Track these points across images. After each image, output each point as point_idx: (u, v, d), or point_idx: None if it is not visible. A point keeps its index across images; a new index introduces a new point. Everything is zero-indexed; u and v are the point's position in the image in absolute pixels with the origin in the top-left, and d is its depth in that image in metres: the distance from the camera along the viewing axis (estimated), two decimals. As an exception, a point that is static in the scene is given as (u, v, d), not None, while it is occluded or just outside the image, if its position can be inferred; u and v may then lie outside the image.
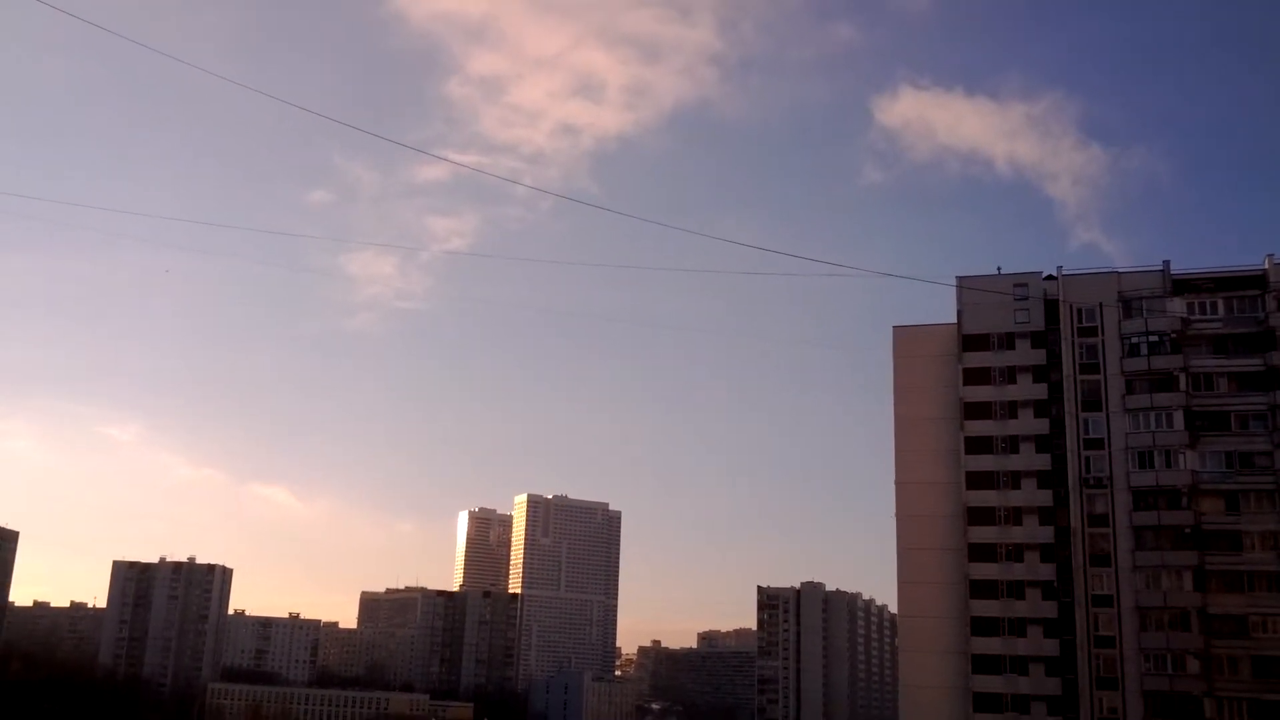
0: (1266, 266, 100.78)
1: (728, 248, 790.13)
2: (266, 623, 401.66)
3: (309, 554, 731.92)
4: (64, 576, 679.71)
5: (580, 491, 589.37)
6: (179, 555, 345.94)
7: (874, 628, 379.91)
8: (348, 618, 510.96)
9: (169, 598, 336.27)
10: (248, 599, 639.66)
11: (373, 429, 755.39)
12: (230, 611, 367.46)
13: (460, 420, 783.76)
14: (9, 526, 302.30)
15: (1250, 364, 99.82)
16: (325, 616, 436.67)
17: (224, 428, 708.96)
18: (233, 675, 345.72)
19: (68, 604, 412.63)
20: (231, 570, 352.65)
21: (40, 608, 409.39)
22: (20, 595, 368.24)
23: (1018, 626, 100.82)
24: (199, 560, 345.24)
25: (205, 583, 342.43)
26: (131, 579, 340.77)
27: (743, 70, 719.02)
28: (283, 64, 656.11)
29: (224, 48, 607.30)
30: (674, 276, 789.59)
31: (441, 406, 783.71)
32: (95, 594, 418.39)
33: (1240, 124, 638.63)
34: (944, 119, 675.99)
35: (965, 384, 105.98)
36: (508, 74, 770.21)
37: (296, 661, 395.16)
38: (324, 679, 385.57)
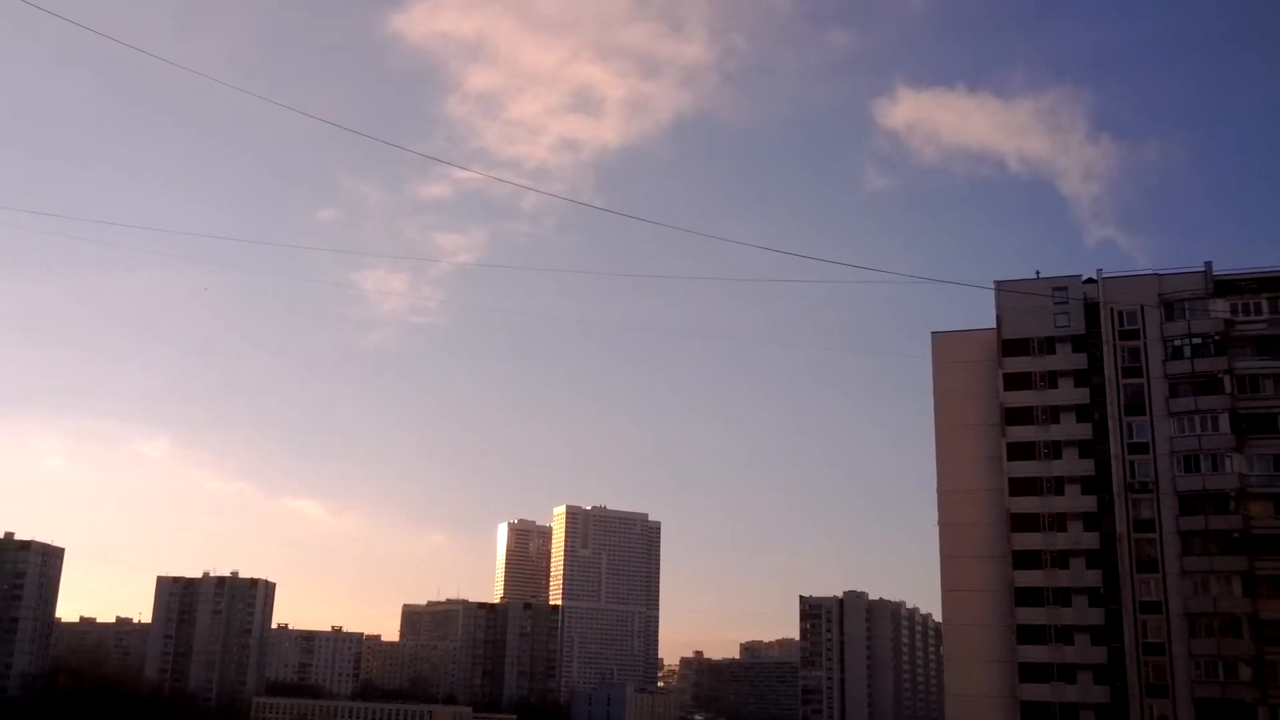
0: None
1: (743, 256, 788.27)
2: (309, 636, 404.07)
3: (343, 566, 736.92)
4: (105, 592, 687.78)
5: (619, 502, 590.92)
6: (218, 569, 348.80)
7: (918, 636, 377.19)
8: (389, 630, 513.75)
9: (213, 612, 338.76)
10: (289, 612, 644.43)
11: (399, 442, 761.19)
12: (273, 625, 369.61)
13: (491, 432, 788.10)
14: (55, 543, 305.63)
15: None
16: (366, 629, 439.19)
17: (251, 442, 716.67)
18: (277, 689, 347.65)
19: (113, 619, 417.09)
20: (274, 584, 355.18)
21: (86, 623, 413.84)
22: (65, 611, 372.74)
23: (1064, 634, 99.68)
24: (241, 574, 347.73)
25: (248, 597, 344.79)
26: (175, 594, 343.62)
27: (739, 81, 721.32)
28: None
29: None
30: (698, 285, 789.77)
31: (468, 419, 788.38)
32: (140, 609, 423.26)
33: (1256, 112, 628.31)
34: (948, 119, 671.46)
35: (1006, 389, 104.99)
36: (506, 90, 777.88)
37: (340, 675, 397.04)
38: (367, 692, 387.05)
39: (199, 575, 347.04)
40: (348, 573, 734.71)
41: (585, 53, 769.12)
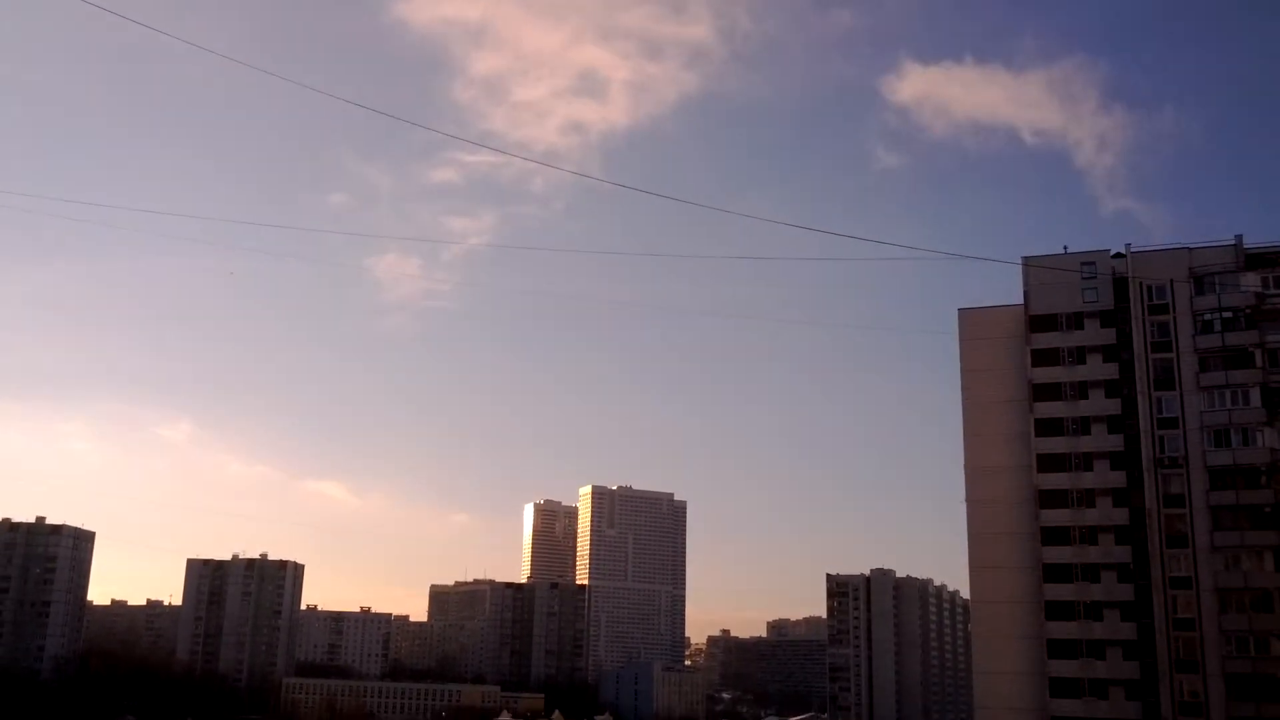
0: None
1: (757, 234, 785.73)
2: (338, 617, 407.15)
3: (369, 548, 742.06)
4: (135, 575, 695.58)
5: (645, 482, 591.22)
6: (245, 552, 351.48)
7: (946, 614, 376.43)
8: (416, 611, 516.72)
9: (243, 594, 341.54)
10: (317, 594, 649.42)
11: (419, 424, 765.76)
12: (302, 607, 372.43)
13: (513, 413, 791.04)
14: (86, 527, 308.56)
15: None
16: (394, 610, 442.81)
17: (271, 425, 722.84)
18: (306, 670, 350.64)
19: (144, 602, 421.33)
20: (303, 566, 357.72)
21: (118, 606, 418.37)
22: (97, 594, 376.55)
23: (1094, 610, 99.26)
24: (270, 556, 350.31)
25: (278, 579, 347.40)
26: (205, 576, 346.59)
27: (744, 61, 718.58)
28: (288, 73, 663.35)
29: (228, 58, 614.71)
30: (717, 264, 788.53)
31: (489, 400, 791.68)
32: (170, 592, 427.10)
33: (1271, 78, 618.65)
34: (957, 93, 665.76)
35: (1034, 365, 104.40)
36: (511, 74, 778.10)
37: (369, 655, 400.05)
38: (396, 672, 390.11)
39: (228, 558, 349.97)
40: (374, 554, 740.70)
41: (588, 35, 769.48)
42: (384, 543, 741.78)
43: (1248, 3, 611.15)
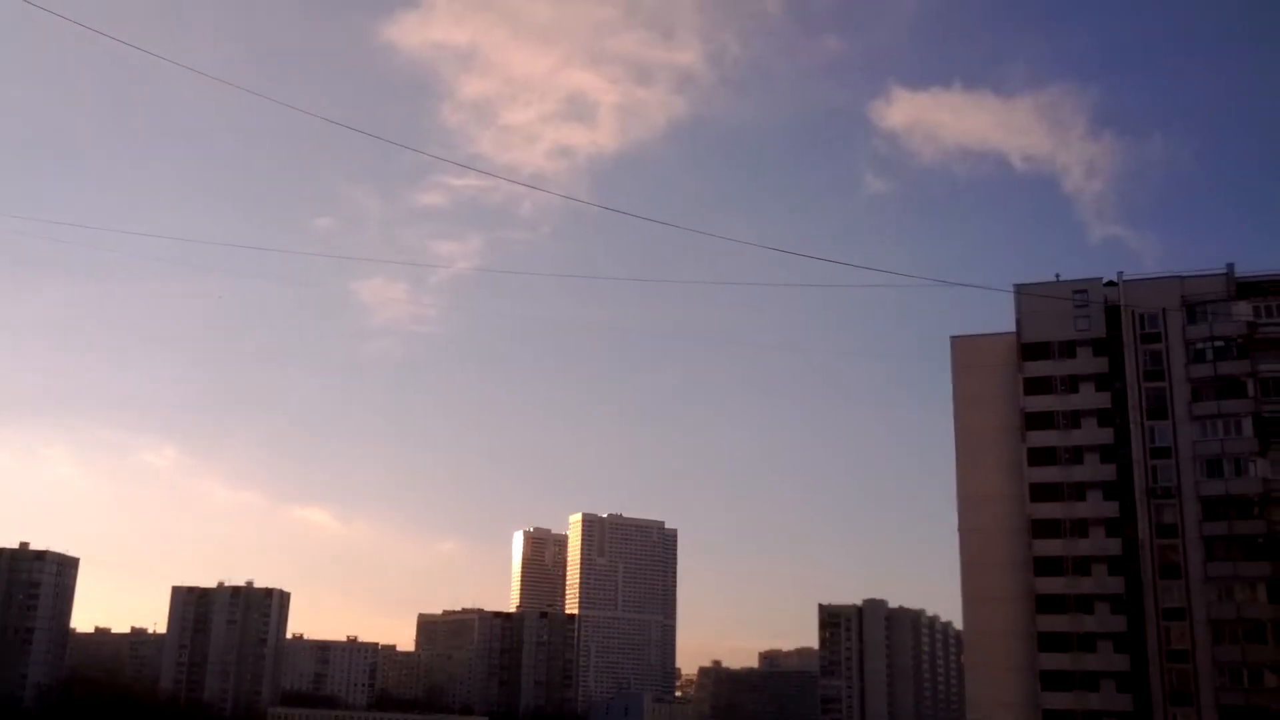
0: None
1: (748, 260, 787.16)
2: (324, 646, 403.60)
3: (355, 575, 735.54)
4: (119, 602, 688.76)
5: (635, 510, 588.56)
6: (230, 579, 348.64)
7: (939, 645, 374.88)
8: (404, 640, 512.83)
9: (228, 622, 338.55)
10: (303, 622, 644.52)
11: (406, 450, 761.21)
12: (288, 635, 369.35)
13: (502, 439, 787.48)
14: (70, 553, 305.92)
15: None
16: (381, 639, 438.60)
17: (256, 451, 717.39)
18: (292, 699, 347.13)
19: (128, 630, 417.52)
20: (289, 594, 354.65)
21: (101, 634, 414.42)
22: (80, 621, 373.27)
23: (1087, 642, 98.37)
24: (255, 584, 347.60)
25: (263, 607, 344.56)
26: (190, 604, 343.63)
27: (733, 86, 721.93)
28: (276, 96, 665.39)
29: (214, 81, 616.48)
30: (705, 289, 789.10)
31: (477, 426, 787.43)
32: (154, 619, 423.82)
33: (1260, 106, 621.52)
34: (946, 119, 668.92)
35: (1026, 394, 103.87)
36: (499, 98, 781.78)
37: (355, 685, 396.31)
38: (383, 702, 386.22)
39: (213, 585, 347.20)
40: (360, 582, 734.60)
41: (577, 60, 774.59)
42: (371, 570, 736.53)
43: (1237, 30, 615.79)
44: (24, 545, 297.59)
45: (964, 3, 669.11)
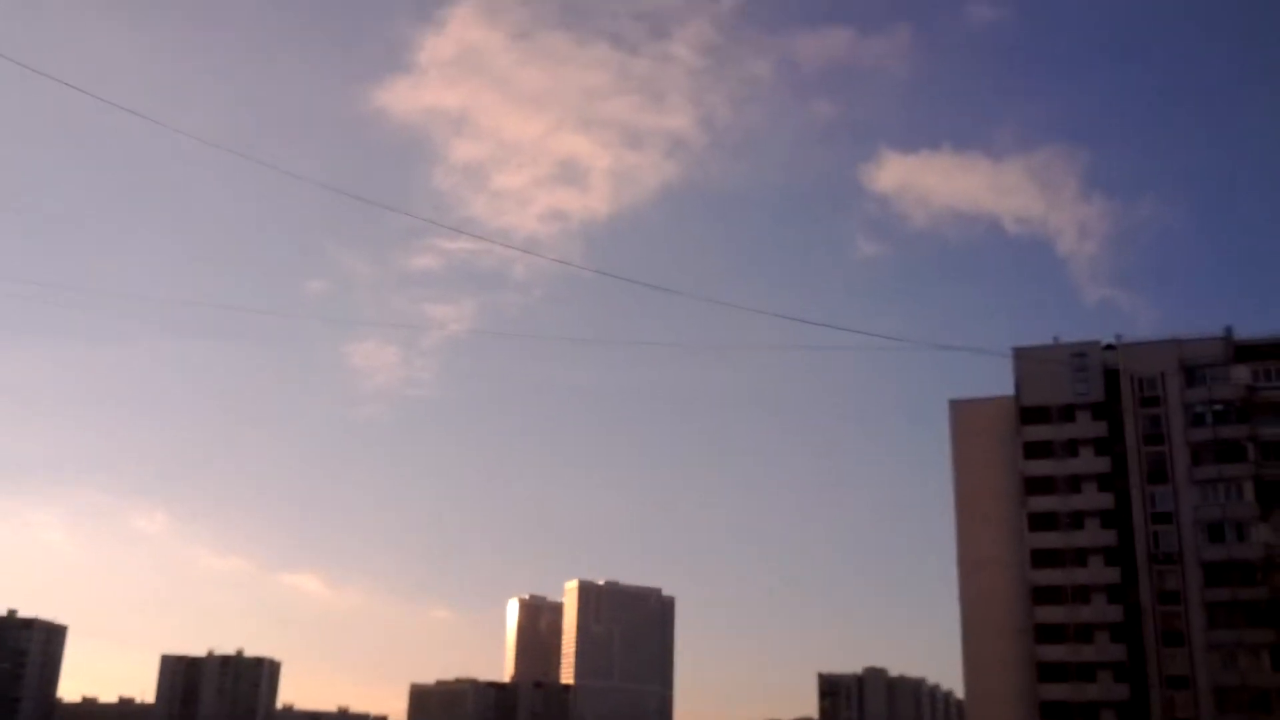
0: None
1: (740, 324, 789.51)
2: (315, 717, 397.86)
3: (347, 644, 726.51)
4: (107, 670, 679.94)
5: (632, 577, 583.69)
6: (219, 647, 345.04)
7: (939, 714, 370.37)
8: (396, 711, 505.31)
9: (218, 691, 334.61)
10: (293, 691, 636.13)
11: (398, 516, 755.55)
12: (278, 705, 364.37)
13: (496, 505, 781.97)
14: (58, 621, 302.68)
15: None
16: (372, 709, 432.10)
17: (247, 517, 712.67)
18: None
19: (115, 699, 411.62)
20: (279, 663, 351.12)
21: (89, 703, 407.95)
22: (67, 690, 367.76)
23: (1090, 711, 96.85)
24: (246, 653, 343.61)
25: (253, 676, 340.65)
26: (179, 673, 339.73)
27: (724, 151, 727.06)
28: (270, 160, 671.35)
29: (208, 146, 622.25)
30: (700, 354, 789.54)
31: (470, 492, 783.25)
32: (142, 689, 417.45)
33: (1252, 169, 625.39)
34: (937, 181, 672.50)
35: (1026, 458, 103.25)
36: (491, 162, 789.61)
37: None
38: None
39: (202, 653, 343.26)
40: (352, 650, 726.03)
41: (569, 124, 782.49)
42: (362, 639, 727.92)
43: (1225, 93, 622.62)
44: (11, 613, 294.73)
45: (952, 66, 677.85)
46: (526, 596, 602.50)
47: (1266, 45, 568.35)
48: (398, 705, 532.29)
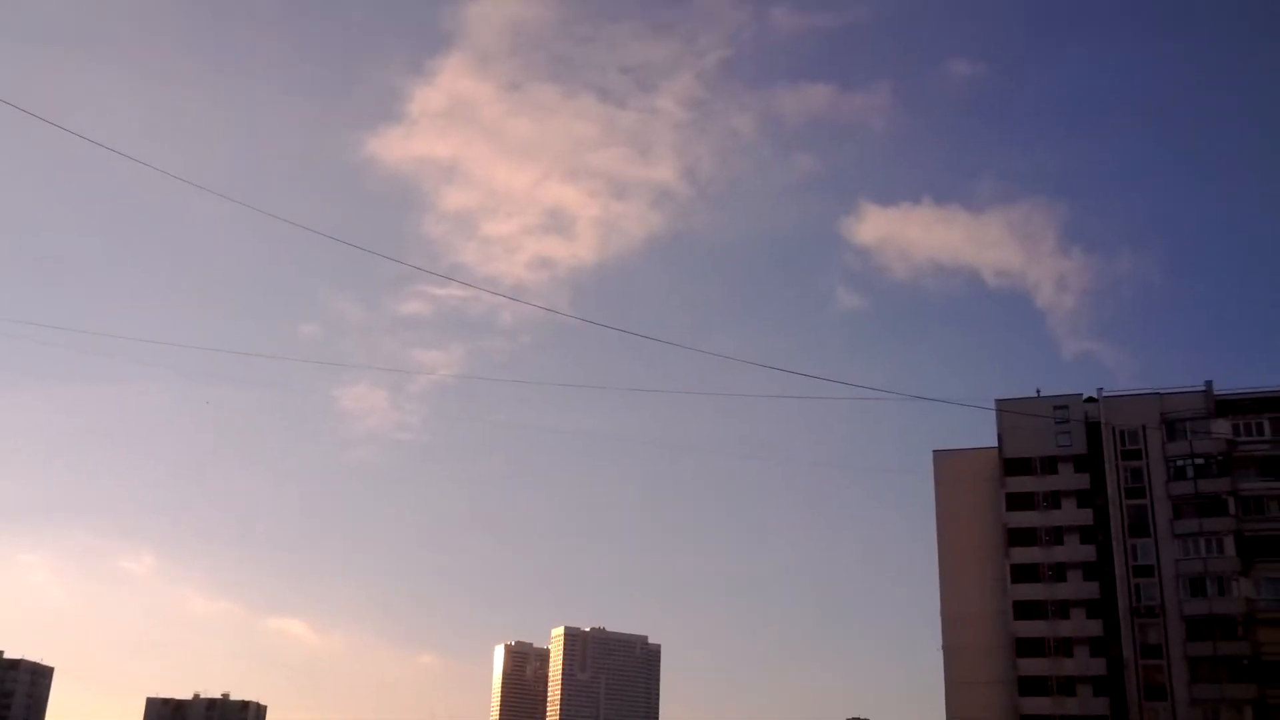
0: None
1: (725, 373, 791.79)
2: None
3: (331, 688, 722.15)
4: (93, 712, 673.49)
5: (618, 624, 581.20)
6: (206, 690, 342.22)
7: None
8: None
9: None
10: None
11: (385, 560, 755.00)
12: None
13: (482, 550, 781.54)
14: (45, 662, 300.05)
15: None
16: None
17: (235, 559, 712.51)
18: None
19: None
20: (265, 707, 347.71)
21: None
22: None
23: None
24: (232, 696, 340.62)
25: (239, 719, 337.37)
26: (165, 715, 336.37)
27: (708, 202, 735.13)
28: (264, 206, 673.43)
29: (203, 192, 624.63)
30: (685, 403, 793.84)
31: (457, 536, 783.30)
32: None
33: (1228, 222, 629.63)
34: (917, 234, 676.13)
35: (1008, 509, 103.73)
36: (481, 210, 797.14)
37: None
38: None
39: (189, 696, 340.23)
40: (337, 695, 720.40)
41: (556, 174, 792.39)
42: (348, 683, 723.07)
43: (1201, 149, 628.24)
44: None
45: (931, 121, 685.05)
46: (513, 643, 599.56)
47: (1244, 100, 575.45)
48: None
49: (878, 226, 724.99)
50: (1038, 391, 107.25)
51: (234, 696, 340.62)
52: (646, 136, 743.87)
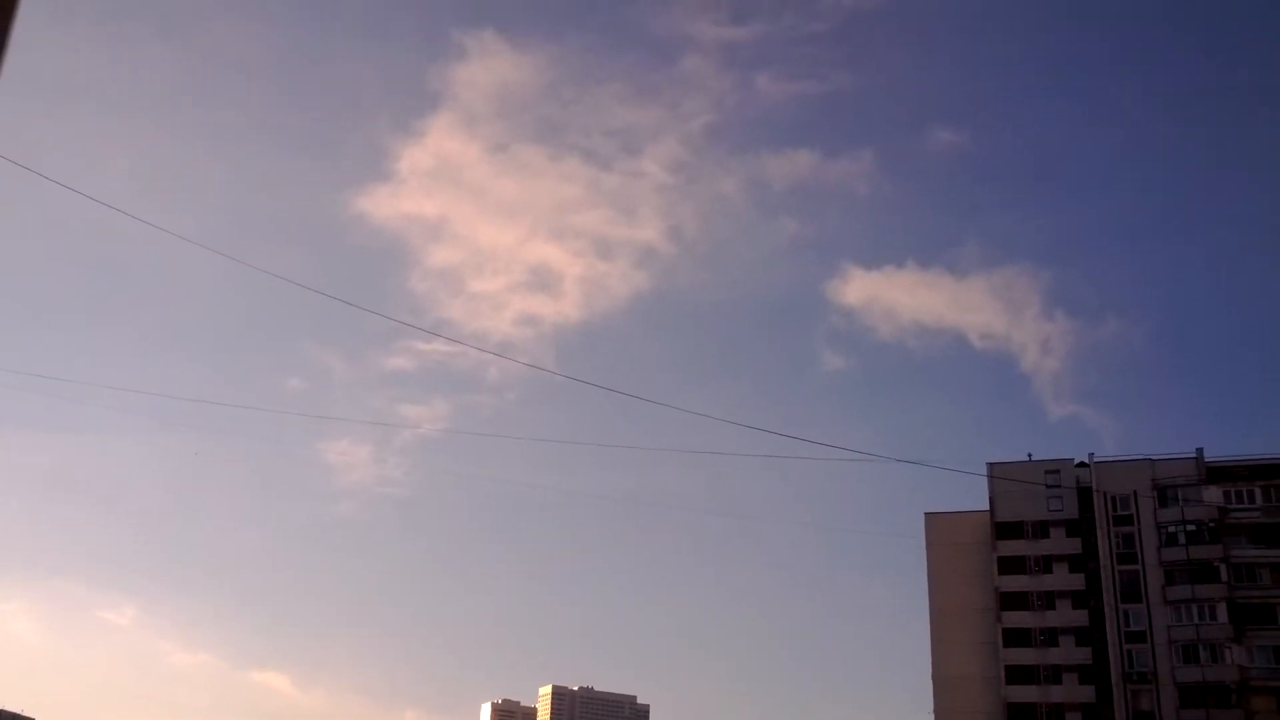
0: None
1: (718, 431, 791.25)
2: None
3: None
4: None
5: (607, 683, 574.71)
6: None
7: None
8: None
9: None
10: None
11: (369, 615, 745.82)
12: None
13: (468, 607, 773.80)
14: (25, 713, 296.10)
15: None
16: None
17: (216, 612, 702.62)
18: None
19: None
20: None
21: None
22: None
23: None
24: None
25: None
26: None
27: (693, 263, 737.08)
28: (250, 260, 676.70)
29: (188, 246, 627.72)
30: (669, 459, 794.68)
31: (442, 592, 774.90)
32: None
33: (1213, 288, 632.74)
34: (901, 297, 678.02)
35: (1000, 573, 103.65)
36: (466, 268, 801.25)
37: None
38: None
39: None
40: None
41: (541, 233, 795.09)
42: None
43: (1185, 214, 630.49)
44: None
45: (914, 187, 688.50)
46: (499, 701, 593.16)
47: (1230, 164, 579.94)
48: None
49: (862, 288, 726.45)
50: (1029, 456, 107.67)
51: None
52: (631, 198, 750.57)
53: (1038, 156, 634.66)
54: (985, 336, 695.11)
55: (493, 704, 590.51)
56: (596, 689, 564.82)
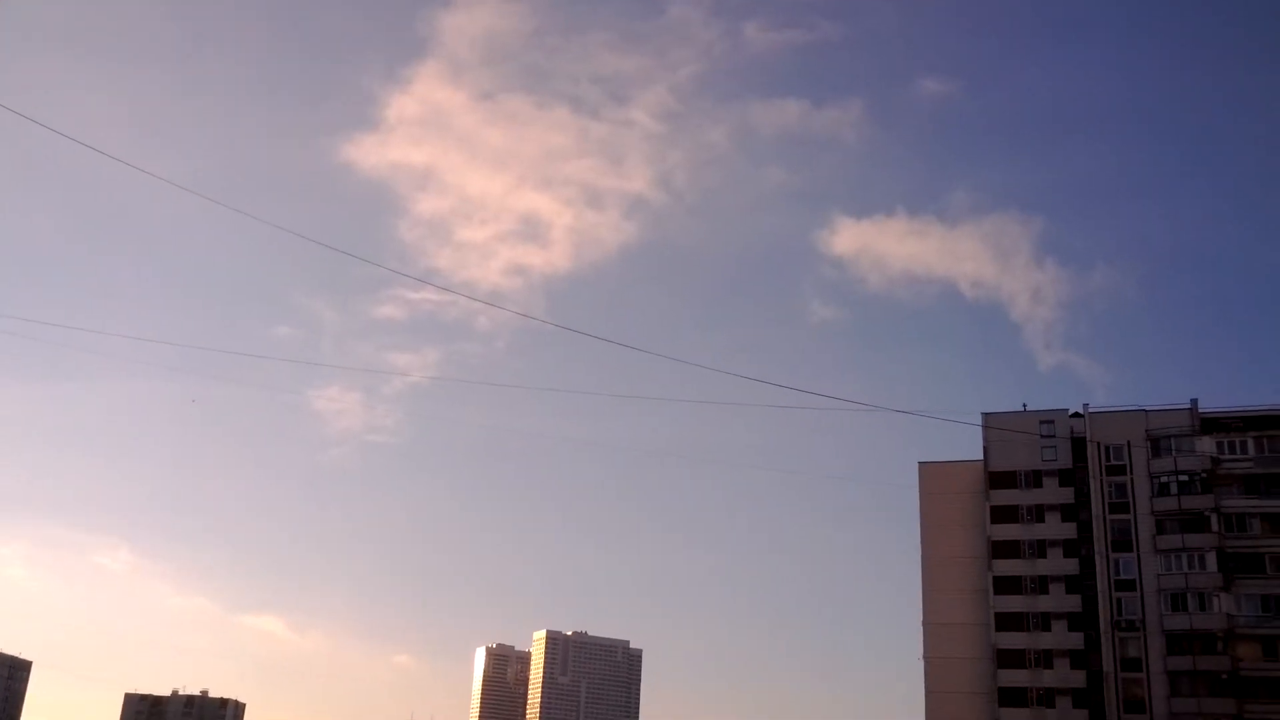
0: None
1: (709, 380, 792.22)
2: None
3: (308, 686, 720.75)
4: (72, 706, 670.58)
5: (600, 628, 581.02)
6: (185, 687, 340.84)
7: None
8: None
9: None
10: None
11: (362, 560, 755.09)
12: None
13: (462, 552, 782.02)
14: (22, 655, 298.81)
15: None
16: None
17: (211, 556, 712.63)
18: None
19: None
20: (244, 705, 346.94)
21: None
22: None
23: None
24: (211, 693, 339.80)
25: (218, 716, 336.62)
26: (143, 712, 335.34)
27: (681, 213, 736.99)
28: (242, 208, 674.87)
29: (179, 195, 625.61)
30: (662, 407, 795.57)
31: (435, 538, 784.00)
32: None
33: (1203, 239, 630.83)
34: (891, 246, 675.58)
35: (993, 522, 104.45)
36: (454, 216, 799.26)
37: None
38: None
39: (166, 692, 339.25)
40: (314, 694, 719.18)
41: (530, 183, 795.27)
42: (324, 682, 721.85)
43: (1174, 163, 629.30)
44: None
45: (903, 136, 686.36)
46: (494, 645, 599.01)
47: (1220, 113, 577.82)
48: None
49: (852, 238, 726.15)
50: (1024, 406, 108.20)
51: (211, 693, 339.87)
52: (619, 147, 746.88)
53: (1027, 106, 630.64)
54: (976, 285, 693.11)
55: (487, 648, 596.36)
56: (590, 634, 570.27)
